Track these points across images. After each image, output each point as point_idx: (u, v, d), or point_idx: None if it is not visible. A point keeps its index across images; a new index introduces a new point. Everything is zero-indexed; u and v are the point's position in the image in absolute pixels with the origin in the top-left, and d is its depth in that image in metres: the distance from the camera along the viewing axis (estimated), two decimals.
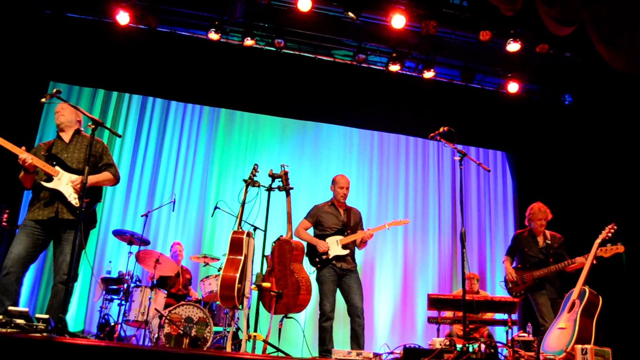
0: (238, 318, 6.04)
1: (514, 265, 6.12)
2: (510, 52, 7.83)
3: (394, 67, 8.36)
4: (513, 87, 8.69)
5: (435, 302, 6.29)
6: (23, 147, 4.41)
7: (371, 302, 8.49)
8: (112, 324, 6.45)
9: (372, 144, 9.34)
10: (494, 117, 9.12)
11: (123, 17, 7.49)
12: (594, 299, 5.14)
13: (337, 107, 8.81)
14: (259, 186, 5.22)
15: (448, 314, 6.85)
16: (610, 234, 5.48)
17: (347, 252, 5.66)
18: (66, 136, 4.71)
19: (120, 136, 4.65)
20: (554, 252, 5.93)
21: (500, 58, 8.36)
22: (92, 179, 4.56)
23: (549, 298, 5.81)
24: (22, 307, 3.70)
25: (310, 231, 5.90)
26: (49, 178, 4.49)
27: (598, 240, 5.48)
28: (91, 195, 4.59)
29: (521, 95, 8.90)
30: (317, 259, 5.64)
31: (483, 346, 4.18)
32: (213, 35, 7.74)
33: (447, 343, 4.39)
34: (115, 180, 4.78)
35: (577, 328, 4.95)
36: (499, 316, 6.73)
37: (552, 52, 7.98)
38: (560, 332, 5.08)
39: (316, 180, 8.63)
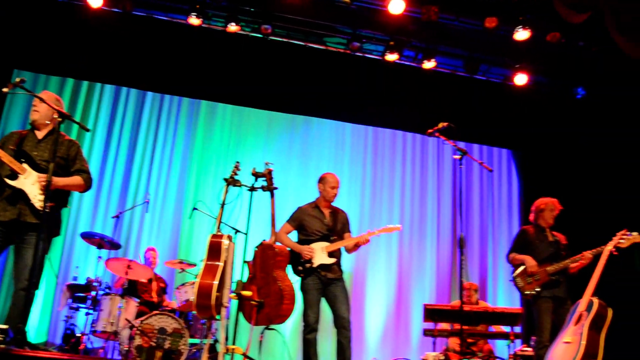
0: (216, 329, 6.08)
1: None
2: (519, 41, 7.85)
3: (392, 57, 8.35)
4: (521, 79, 8.68)
5: (431, 313, 6.34)
6: None
7: (362, 312, 8.56)
8: (78, 335, 6.47)
9: (366, 141, 9.38)
10: (500, 111, 9.14)
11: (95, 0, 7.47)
12: (602, 311, 5.21)
13: (329, 100, 8.81)
14: (240, 186, 5.25)
15: (445, 326, 6.92)
16: (622, 241, 5.55)
17: (333, 260, 5.66)
18: (40, 133, 4.74)
19: (88, 130, 4.66)
20: (564, 248, 6.01)
21: (507, 47, 8.33)
22: (61, 181, 4.56)
23: (559, 297, 5.83)
24: None
25: (294, 236, 5.92)
26: (14, 175, 4.48)
27: (609, 247, 5.54)
28: (57, 199, 4.55)
29: (530, 88, 8.88)
30: (301, 267, 5.66)
31: None
32: (194, 20, 7.73)
33: (442, 358, 4.45)
34: (86, 187, 4.79)
35: (583, 342, 5.02)
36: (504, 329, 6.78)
37: (564, 41, 8.00)
38: (566, 346, 5.14)
39: (305, 179, 8.65)
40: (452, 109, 8.56)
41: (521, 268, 6.00)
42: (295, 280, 5.51)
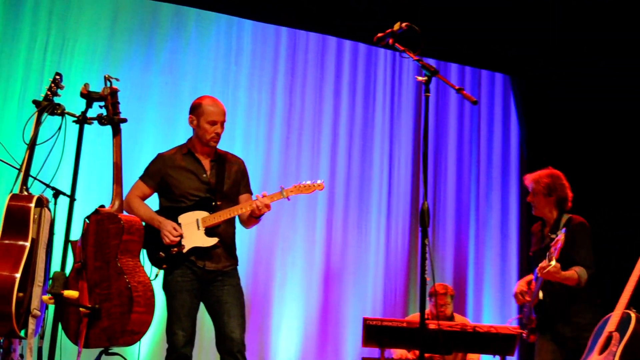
0: (21, 356, 5.87)
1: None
2: None
3: None
4: None
5: (375, 333, 6.29)
6: None
7: (267, 329, 8.55)
8: None
9: (277, 51, 9.26)
10: (494, 15, 9.18)
11: None
12: None
13: None
14: (62, 114, 5.13)
15: (400, 354, 6.91)
16: None
17: (214, 240, 5.53)
18: None
19: None
20: (562, 250, 5.93)
21: None
22: None
23: (559, 339, 5.88)
24: None
25: (155, 201, 5.76)
26: None
27: None
28: None
29: None
30: (162, 253, 5.50)
31: None
32: None
33: None
34: None
35: None
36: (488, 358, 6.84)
37: None
38: None
39: (176, 109, 8.41)
40: (419, 8, 8.52)
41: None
42: (153, 278, 5.38)
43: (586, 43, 9.23)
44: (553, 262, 5.56)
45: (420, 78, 4.82)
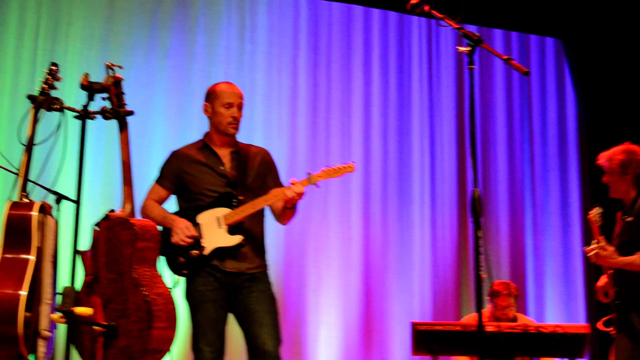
0: None
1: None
2: None
3: None
4: None
5: (426, 340, 6.29)
6: None
7: (302, 340, 8.58)
8: None
9: (296, 22, 9.28)
10: None
11: None
12: None
13: None
14: (61, 109, 5.19)
15: None
16: None
17: (238, 238, 5.48)
18: None
19: None
20: (633, 234, 5.93)
21: None
22: None
23: (635, 336, 5.81)
24: None
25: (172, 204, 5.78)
26: None
27: None
28: None
29: None
30: (182, 259, 5.47)
31: None
32: None
33: None
34: None
35: None
36: None
37: None
38: None
39: (189, 95, 8.51)
40: None
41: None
42: (172, 286, 5.40)
43: None
44: (593, 245, 5.60)
45: (462, 49, 4.80)
